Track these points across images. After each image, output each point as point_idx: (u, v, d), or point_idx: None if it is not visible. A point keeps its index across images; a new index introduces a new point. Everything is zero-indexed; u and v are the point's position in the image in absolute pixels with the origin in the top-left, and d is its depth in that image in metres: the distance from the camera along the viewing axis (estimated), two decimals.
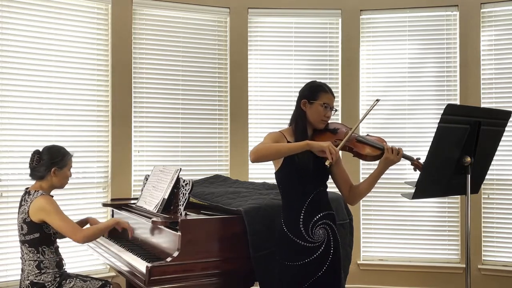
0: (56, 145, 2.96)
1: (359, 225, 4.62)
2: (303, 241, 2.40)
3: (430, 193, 2.48)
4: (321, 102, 2.44)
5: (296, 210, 2.42)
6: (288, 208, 2.47)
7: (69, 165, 2.94)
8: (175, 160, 4.54)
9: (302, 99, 2.48)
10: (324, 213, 2.44)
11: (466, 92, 4.50)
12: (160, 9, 4.54)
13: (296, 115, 2.51)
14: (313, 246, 2.40)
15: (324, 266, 2.40)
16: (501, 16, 4.48)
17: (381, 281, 4.58)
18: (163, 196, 2.94)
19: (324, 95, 2.46)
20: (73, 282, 2.85)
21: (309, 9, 4.75)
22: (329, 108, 2.46)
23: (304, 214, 2.40)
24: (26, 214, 2.77)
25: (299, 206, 2.41)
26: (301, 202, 2.40)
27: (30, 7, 3.97)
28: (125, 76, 4.35)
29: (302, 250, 2.40)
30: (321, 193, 2.46)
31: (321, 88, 2.49)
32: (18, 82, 3.90)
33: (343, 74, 4.70)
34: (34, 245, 2.79)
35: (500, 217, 4.42)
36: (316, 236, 2.41)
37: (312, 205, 2.41)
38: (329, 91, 2.49)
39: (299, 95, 2.52)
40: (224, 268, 2.62)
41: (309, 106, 2.46)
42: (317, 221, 2.41)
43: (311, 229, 2.40)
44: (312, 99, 2.45)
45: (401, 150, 2.40)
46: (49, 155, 2.86)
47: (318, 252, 2.40)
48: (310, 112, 2.47)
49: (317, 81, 2.56)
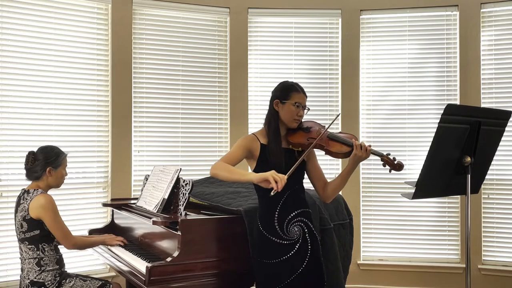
0: (50, 145, 2.98)
1: (359, 225, 4.62)
2: (279, 238, 2.43)
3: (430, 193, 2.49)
4: (293, 102, 2.47)
5: (271, 209, 2.45)
6: (263, 207, 2.50)
7: (64, 164, 2.96)
8: (175, 160, 4.54)
9: (274, 99, 2.51)
10: (299, 211, 2.47)
11: (466, 92, 4.50)
12: (160, 9, 4.54)
13: (269, 115, 2.53)
14: (289, 243, 2.43)
15: (303, 263, 2.43)
16: (501, 16, 4.48)
17: (381, 281, 4.58)
18: (163, 196, 2.94)
19: (296, 95, 2.49)
20: (73, 282, 2.86)
21: (309, 9, 4.75)
22: (301, 107, 2.49)
23: (279, 212, 2.44)
24: (26, 212, 2.79)
25: (274, 205, 2.44)
26: (275, 201, 2.43)
27: (30, 7, 3.97)
28: (125, 76, 4.35)
29: (278, 248, 2.43)
30: (296, 192, 2.49)
31: (293, 87, 2.51)
32: (18, 82, 3.90)
33: (343, 74, 4.70)
34: (34, 242, 2.81)
35: (500, 217, 4.42)
36: (291, 233, 2.44)
37: (287, 204, 2.45)
38: (301, 91, 2.52)
39: (272, 95, 2.55)
40: (224, 268, 2.62)
41: (282, 106, 2.49)
42: (292, 219, 2.45)
43: (286, 227, 2.44)
44: (284, 99, 2.48)
45: (369, 146, 2.42)
46: (43, 155, 2.88)
47: (295, 248, 2.43)
48: (282, 112, 2.49)
49: (289, 81, 2.59)
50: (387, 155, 2.45)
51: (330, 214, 2.96)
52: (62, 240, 2.83)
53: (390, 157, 2.44)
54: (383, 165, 2.46)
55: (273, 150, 2.43)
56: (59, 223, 2.81)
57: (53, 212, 2.78)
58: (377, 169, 4.58)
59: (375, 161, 4.49)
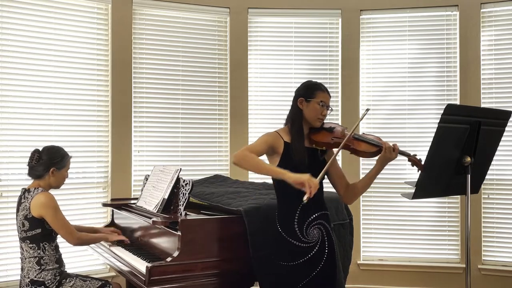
0: (56, 146, 2.98)
1: (359, 225, 4.62)
2: (298, 241, 2.40)
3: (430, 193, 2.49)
4: (318, 100, 2.46)
5: (291, 209, 2.42)
6: (283, 207, 2.47)
7: (67, 166, 2.97)
8: (175, 160, 4.54)
9: (298, 98, 2.50)
10: (319, 213, 2.45)
11: (466, 92, 4.50)
12: (160, 9, 4.54)
13: (293, 114, 2.52)
14: (307, 246, 2.40)
15: (318, 267, 2.40)
16: (501, 16, 4.48)
17: (381, 281, 4.58)
18: (163, 196, 2.94)
19: (321, 94, 2.48)
20: (73, 281, 2.86)
21: (309, 9, 4.75)
22: (325, 106, 2.48)
23: (299, 214, 2.41)
24: (27, 210, 2.80)
25: (294, 205, 2.41)
26: (296, 202, 2.39)
27: (30, 7, 3.97)
28: (125, 76, 4.35)
29: (296, 250, 2.40)
30: (316, 193, 2.47)
31: (318, 86, 2.51)
32: (18, 82, 3.90)
33: (343, 74, 4.70)
34: (35, 241, 2.81)
35: (500, 217, 4.42)
36: (310, 236, 2.41)
37: (308, 205, 2.41)
38: (325, 90, 2.51)
39: (296, 94, 2.54)
40: (224, 268, 2.62)
41: (306, 104, 2.48)
42: (312, 221, 2.42)
43: (306, 229, 2.41)
44: (309, 98, 2.47)
45: (397, 146, 2.42)
46: (49, 155, 2.88)
47: (312, 252, 2.40)
48: (307, 111, 2.48)
49: (313, 80, 2.59)
50: (413, 155, 2.44)
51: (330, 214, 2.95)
52: (66, 237, 2.82)
53: (416, 158, 2.43)
54: (412, 165, 2.45)
55: (297, 149, 2.40)
56: (62, 220, 2.81)
57: (54, 210, 2.79)
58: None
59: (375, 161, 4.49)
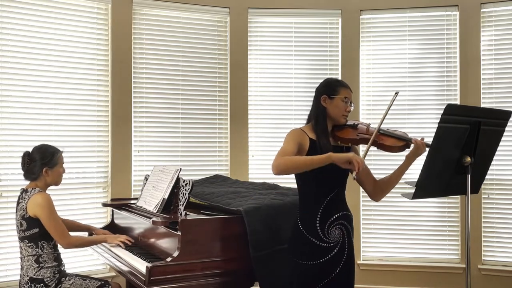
0: (44, 144, 2.97)
1: (359, 225, 4.62)
2: (319, 240, 2.38)
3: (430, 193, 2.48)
4: (342, 97, 2.45)
5: (314, 209, 2.40)
6: (305, 206, 2.45)
7: (61, 162, 2.96)
8: (175, 160, 4.54)
9: (321, 95, 2.47)
10: (341, 213, 2.43)
11: (466, 92, 4.50)
12: (160, 9, 4.54)
13: (316, 111, 2.48)
14: (328, 246, 2.39)
15: (338, 267, 2.39)
16: (501, 16, 4.48)
17: (381, 281, 4.58)
18: (163, 196, 2.94)
19: (343, 90, 2.47)
20: (72, 280, 2.86)
21: (309, 9, 4.75)
22: (349, 102, 2.47)
23: (322, 213, 2.39)
24: (24, 211, 2.81)
25: (317, 205, 2.39)
26: (319, 202, 2.39)
27: (30, 7, 3.97)
28: (125, 76, 4.35)
29: (317, 250, 2.38)
30: (339, 193, 2.46)
31: (340, 83, 2.50)
32: (18, 82, 3.90)
33: (343, 74, 4.70)
34: (33, 240, 2.82)
35: (500, 217, 4.42)
36: (331, 236, 2.39)
37: (330, 205, 2.40)
38: (347, 86, 2.50)
39: (317, 92, 2.50)
40: (224, 268, 2.62)
41: (330, 101, 2.45)
42: (334, 221, 2.40)
43: (327, 229, 2.39)
44: (333, 94, 2.45)
45: (424, 139, 2.40)
46: (39, 155, 2.88)
47: (332, 252, 2.39)
48: (331, 108, 2.46)
49: (333, 78, 2.59)
50: None
51: None
52: (58, 239, 2.83)
53: None
54: None
55: (324, 146, 2.36)
56: (55, 222, 2.80)
57: (49, 210, 2.78)
58: (377, 168, 4.56)
59: (375, 161, 4.50)
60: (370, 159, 4.56)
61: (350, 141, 2.44)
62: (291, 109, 4.75)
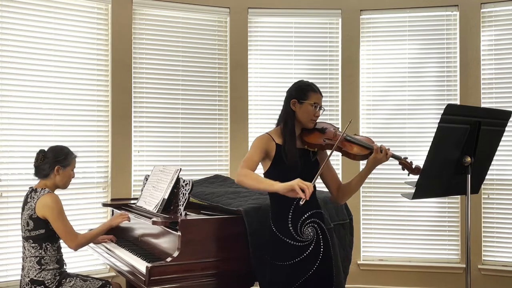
0: (60, 145, 3.03)
1: (359, 225, 4.62)
2: (292, 240, 2.41)
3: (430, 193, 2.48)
4: (311, 102, 2.46)
5: (284, 209, 2.43)
6: (276, 207, 2.48)
7: (73, 165, 2.99)
8: (175, 160, 4.54)
9: (291, 99, 2.49)
10: (313, 211, 2.46)
11: (466, 92, 4.50)
12: (160, 9, 4.54)
13: (285, 115, 2.51)
14: (302, 245, 2.41)
15: (315, 265, 2.41)
16: (501, 16, 4.48)
17: (381, 281, 4.58)
18: (163, 196, 2.94)
19: (313, 95, 2.48)
20: (73, 281, 2.86)
21: (309, 9, 4.75)
22: (318, 107, 2.47)
23: (293, 213, 2.41)
24: (32, 210, 2.81)
25: (288, 205, 2.41)
26: (289, 202, 2.40)
27: (30, 7, 3.97)
28: (125, 76, 4.35)
29: (291, 249, 2.41)
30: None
31: (310, 87, 2.51)
32: (18, 82, 3.90)
33: (343, 74, 4.70)
34: (38, 241, 2.82)
35: (500, 217, 4.41)
36: (305, 234, 2.42)
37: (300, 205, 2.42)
38: (317, 91, 2.51)
39: (287, 95, 2.54)
40: (224, 268, 2.62)
41: (299, 105, 2.47)
42: (306, 220, 2.43)
43: (300, 228, 2.42)
44: (302, 99, 2.47)
45: (390, 151, 2.42)
46: (53, 153, 2.92)
47: (307, 251, 2.41)
48: (300, 112, 2.48)
49: (305, 81, 2.58)
50: (404, 159, 2.44)
51: (330, 214, 2.96)
52: (66, 241, 2.84)
53: (408, 161, 2.44)
54: (402, 169, 2.46)
55: (290, 151, 2.39)
56: (63, 223, 2.81)
57: (58, 212, 2.79)
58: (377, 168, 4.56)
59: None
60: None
61: (316, 146, 2.46)
62: None
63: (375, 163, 2.43)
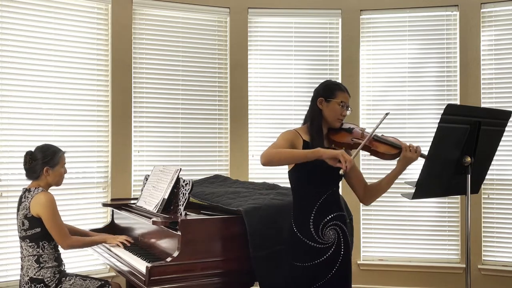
0: (46, 144, 2.98)
1: (359, 225, 4.62)
2: (313, 242, 2.38)
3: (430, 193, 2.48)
4: (338, 101, 2.45)
5: (307, 210, 2.40)
6: (299, 208, 2.45)
7: (62, 162, 2.96)
8: (175, 160, 4.54)
9: (318, 98, 2.47)
10: (335, 214, 2.43)
11: (466, 92, 4.50)
12: (160, 9, 4.54)
13: (312, 113, 2.49)
14: (323, 247, 2.39)
15: (334, 268, 2.39)
16: (501, 16, 4.48)
17: (381, 281, 4.58)
18: (163, 196, 2.94)
19: (341, 94, 2.47)
20: (72, 280, 2.86)
21: (309, 9, 4.75)
22: (345, 106, 2.47)
23: (315, 214, 2.39)
24: (27, 210, 2.81)
25: (311, 206, 2.40)
26: (312, 203, 2.39)
27: (30, 7, 3.97)
28: (125, 76, 4.35)
29: (312, 251, 2.38)
30: (333, 194, 2.45)
31: (338, 87, 2.50)
32: (18, 82, 3.90)
33: (343, 74, 4.70)
34: (35, 240, 2.82)
35: (500, 217, 4.41)
36: (326, 237, 2.39)
37: (324, 206, 2.40)
38: (345, 90, 2.49)
39: (315, 93, 2.51)
40: (224, 268, 2.62)
41: (326, 104, 2.46)
42: (328, 222, 2.40)
43: (322, 230, 2.39)
44: (329, 98, 2.45)
45: (419, 148, 2.40)
46: (40, 154, 2.89)
47: (328, 253, 2.39)
48: (326, 111, 2.46)
49: (333, 80, 2.58)
50: None
51: None
52: (59, 240, 2.83)
53: None
54: None
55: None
56: (56, 222, 2.80)
57: (51, 211, 2.79)
58: (377, 169, 4.57)
59: (375, 161, 4.49)
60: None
61: (344, 145, 2.44)
62: (291, 109, 4.75)
63: (406, 162, 2.40)
